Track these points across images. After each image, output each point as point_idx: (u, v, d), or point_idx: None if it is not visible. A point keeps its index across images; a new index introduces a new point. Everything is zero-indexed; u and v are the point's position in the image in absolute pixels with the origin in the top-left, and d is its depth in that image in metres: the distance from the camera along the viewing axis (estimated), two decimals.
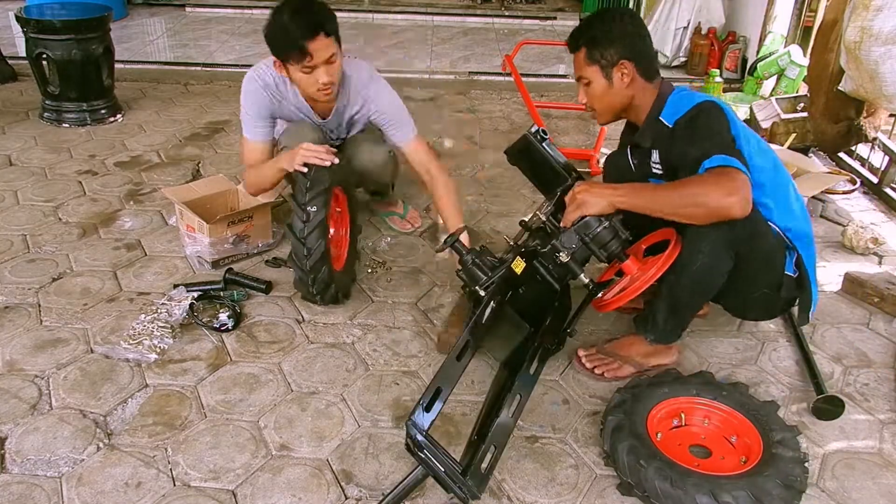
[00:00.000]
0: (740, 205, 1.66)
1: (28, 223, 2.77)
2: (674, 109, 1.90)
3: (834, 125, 3.14)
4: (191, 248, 2.53)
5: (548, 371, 2.05)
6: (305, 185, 2.12)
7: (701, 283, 1.84)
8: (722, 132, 1.78)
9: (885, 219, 3.03)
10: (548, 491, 1.68)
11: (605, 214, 1.81)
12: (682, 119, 1.85)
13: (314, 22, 2.10)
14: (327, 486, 1.67)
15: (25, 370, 2.00)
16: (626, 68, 1.90)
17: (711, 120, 1.80)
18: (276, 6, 2.16)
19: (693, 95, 1.91)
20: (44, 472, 1.68)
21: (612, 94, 1.94)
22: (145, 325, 2.16)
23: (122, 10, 5.90)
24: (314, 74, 2.17)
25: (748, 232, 1.77)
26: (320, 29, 2.10)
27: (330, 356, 2.11)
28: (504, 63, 4.15)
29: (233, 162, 3.39)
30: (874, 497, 1.69)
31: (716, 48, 4.78)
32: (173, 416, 1.86)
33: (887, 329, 2.31)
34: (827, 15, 3.12)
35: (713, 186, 1.68)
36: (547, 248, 1.86)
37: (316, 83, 2.19)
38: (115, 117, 3.87)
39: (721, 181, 1.67)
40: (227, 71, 4.76)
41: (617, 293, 1.89)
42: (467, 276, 2.00)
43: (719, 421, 1.82)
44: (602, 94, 1.95)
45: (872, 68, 2.68)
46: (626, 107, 1.98)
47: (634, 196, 1.78)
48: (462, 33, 6.04)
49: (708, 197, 1.67)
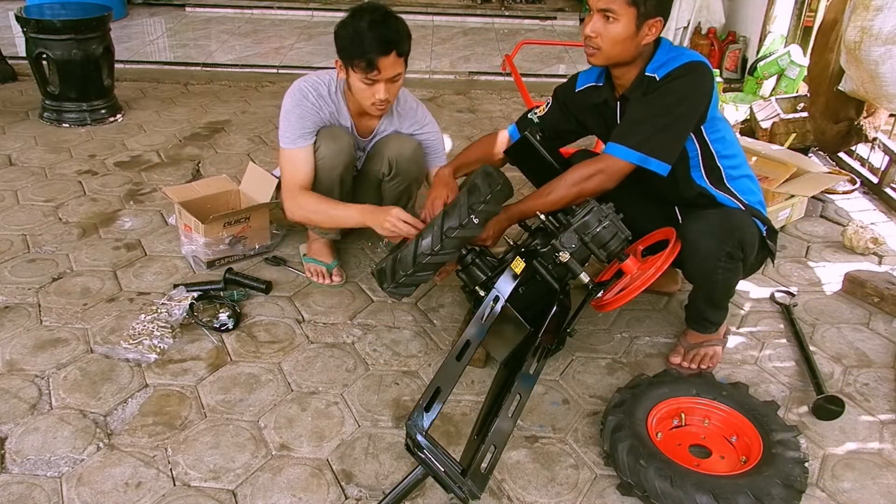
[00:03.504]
0: (599, 181, 1.91)
1: (28, 223, 2.77)
2: (661, 62, 1.90)
3: (834, 125, 3.13)
4: (187, 247, 2.53)
5: (548, 371, 2.06)
6: (487, 191, 1.86)
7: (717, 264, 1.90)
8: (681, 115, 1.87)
9: (885, 219, 3.03)
10: (548, 491, 1.68)
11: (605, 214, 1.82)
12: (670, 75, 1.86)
13: (391, 39, 2.08)
14: (327, 486, 1.67)
15: (25, 370, 2.00)
16: (656, 27, 1.87)
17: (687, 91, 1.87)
18: (356, 8, 2.13)
19: (679, 51, 1.92)
20: (44, 472, 1.68)
21: (631, 43, 1.86)
22: (145, 325, 2.16)
23: (122, 10, 5.89)
24: (374, 88, 2.13)
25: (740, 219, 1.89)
26: (394, 47, 2.08)
27: (330, 356, 2.11)
28: (504, 63, 4.15)
29: (233, 162, 3.39)
30: (874, 497, 1.69)
31: (716, 48, 4.78)
32: (173, 416, 1.86)
33: (887, 329, 2.31)
34: (827, 15, 3.12)
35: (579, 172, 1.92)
36: (547, 248, 1.86)
37: (373, 97, 2.15)
38: (115, 117, 3.87)
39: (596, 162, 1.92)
40: (227, 71, 4.76)
41: (617, 293, 1.89)
42: (467, 276, 2.00)
43: (719, 421, 1.82)
44: (621, 38, 1.85)
45: (872, 68, 2.68)
46: (628, 60, 1.92)
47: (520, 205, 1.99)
48: (462, 33, 6.04)
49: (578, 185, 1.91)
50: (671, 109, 1.86)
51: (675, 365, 2.10)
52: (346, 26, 2.10)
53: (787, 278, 2.57)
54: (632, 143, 1.88)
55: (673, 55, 1.90)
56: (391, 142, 2.39)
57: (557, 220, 1.92)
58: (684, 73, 1.86)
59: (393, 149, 2.37)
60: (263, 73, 4.78)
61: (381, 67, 2.07)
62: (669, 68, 1.87)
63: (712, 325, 2.09)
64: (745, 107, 3.89)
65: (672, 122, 1.87)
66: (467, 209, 1.83)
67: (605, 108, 2.06)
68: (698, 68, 1.86)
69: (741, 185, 2.02)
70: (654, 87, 1.88)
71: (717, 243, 1.86)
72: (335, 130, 2.28)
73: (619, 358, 2.16)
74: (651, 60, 1.92)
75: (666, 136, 1.87)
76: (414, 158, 2.39)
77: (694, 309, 2.08)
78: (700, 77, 1.87)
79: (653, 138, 1.86)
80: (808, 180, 2.95)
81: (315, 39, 5.64)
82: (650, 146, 1.86)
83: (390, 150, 2.37)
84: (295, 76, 2.40)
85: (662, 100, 1.87)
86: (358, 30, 2.06)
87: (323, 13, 6.34)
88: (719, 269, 1.89)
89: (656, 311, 2.39)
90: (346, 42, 2.09)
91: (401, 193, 2.47)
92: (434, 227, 1.86)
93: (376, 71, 2.08)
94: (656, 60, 1.91)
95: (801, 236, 2.87)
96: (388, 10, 2.15)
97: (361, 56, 2.06)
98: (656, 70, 1.90)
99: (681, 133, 1.90)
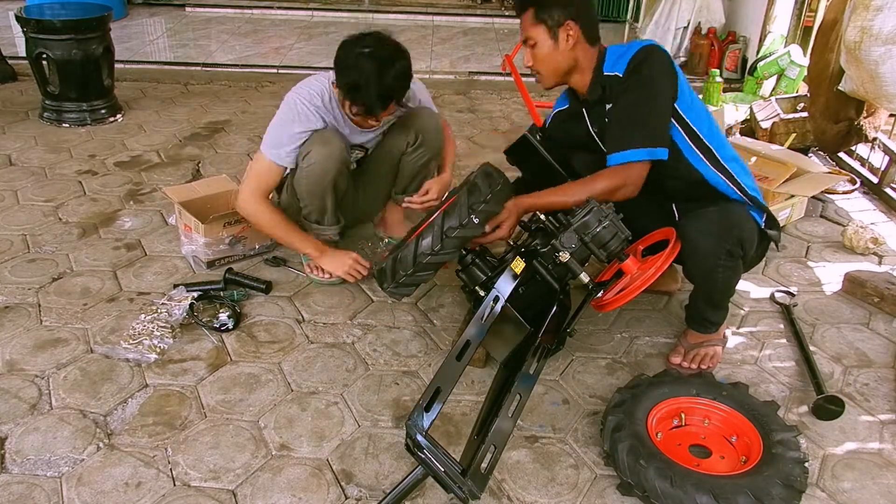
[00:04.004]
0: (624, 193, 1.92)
1: (28, 223, 2.77)
2: (614, 59, 1.96)
3: (834, 125, 3.13)
4: (187, 247, 2.53)
5: (548, 371, 2.06)
6: (488, 191, 1.86)
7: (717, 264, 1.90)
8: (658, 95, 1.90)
9: (885, 219, 3.03)
10: (548, 491, 1.68)
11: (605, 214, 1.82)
12: (630, 65, 1.91)
13: (392, 93, 2.12)
14: (327, 486, 1.67)
15: (25, 370, 2.00)
16: (571, 29, 1.95)
17: (654, 71, 1.90)
18: (362, 37, 2.13)
19: (626, 45, 1.98)
20: (44, 471, 1.68)
21: (557, 54, 1.98)
22: (145, 325, 2.16)
23: (122, 10, 5.89)
24: (369, 119, 2.21)
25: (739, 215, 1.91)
26: (395, 98, 2.14)
27: (330, 356, 2.11)
28: (504, 63, 4.16)
29: (233, 162, 3.39)
30: (874, 497, 1.69)
31: (716, 48, 4.77)
32: (173, 416, 1.86)
33: (887, 329, 2.31)
34: (827, 15, 3.12)
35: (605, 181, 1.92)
36: (547, 248, 1.86)
37: (366, 121, 2.24)
38: (115, 117, 3.87)
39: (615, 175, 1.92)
40: (227, 71, 4.76)
41: (617, 293, 1.89)
42: (467, 276, 2.00)
43: (719, 421, 1.82)
44: (547, 55, 1.98)
45: (872, 68, 2.68)
46: (571, 69, 2.01)
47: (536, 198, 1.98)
48: (462, 33, 6.04)
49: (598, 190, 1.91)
50: (648, 94, 1.90)
51: (675, 365, 2.10)
52: (350, 65, 2.09)
53: (787, 278, 2.57)
54: (635, 143, 1.89)
55: (622, 50, 1.97)
56: (419, 115, 2.43)
57: (557, 220, 1.92)
58: (643, 57, 1.92)
59: (421, 121, 2.42)
60: (263, 73, 4.78)
61: (378, 117, 2.18)
62: (626, 60, 1.93)
63: (712, 325, 2.09)
64: (745, 107, 3.89)
65: (655, 106, 1.91)
66: (467, 209, 1.83)
67: (574, 121, 2.12)
68: (653, 50, 1.93)
69: (734, 167, 2.03)
70: (623, 83, 1.93)
71: (716, 242, 1.87)
72: (327, 134, 2.26)
73: (619, 358, 2.16)
74: (604, 62, 1.98)
75: (657, 121, 1.92)
76: (438, 131, 2.47)
77: (694, 309, 2.08)
78: (659, 55, 1.93)
79: (647, 128, 1.90)
80: (808, 180, 2.95)
81: (315, 39, 5.64)
82: (650, 136, 1.90)
83: (418, 123, 2.42)
84: (295, 76, 2.41)
85: (636, 89, 1.91)
86: (362, 74, 2.07)
87: (323, 13, 6.34)
88: (719, 267, 1.89)
89: (656, 311, 2.39)
90: (348, 83, 2.11)
91: (420, 168, 2.50)
92: (434, 227, 1.86)
93: (374, 118, 2.18)
94: (609, 60, 1.98)
95: (801, 236, 2.87)
96: (394, 46, 2.15)
97: (361, 103, 2.12)
98: (613, 67, 1.96)
99: (665, 112, 1.94)
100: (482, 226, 1.87)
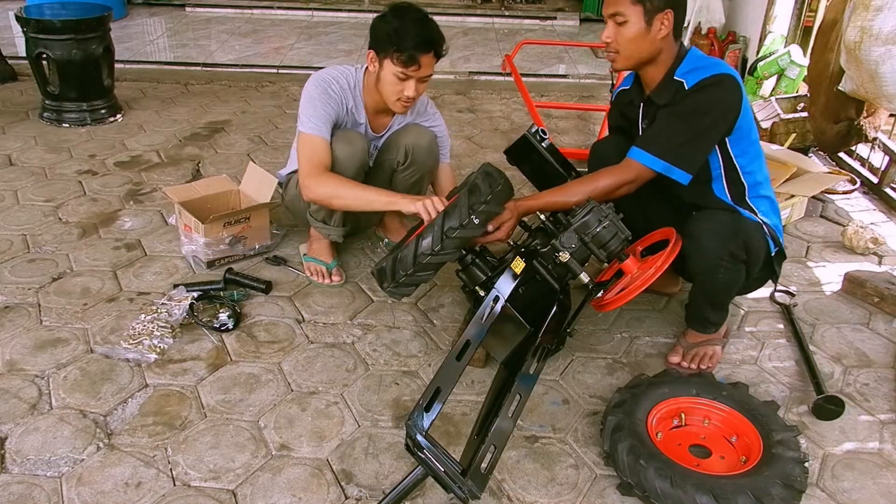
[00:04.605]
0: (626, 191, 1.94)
1: (28, 223, 2.77)
2: (690, 67, 1.90)
3: (834, 125, 3.13)
4: (187, 247, 2.53)
5: (548, 371, 2.06)
6: (488, 192, 1.84)
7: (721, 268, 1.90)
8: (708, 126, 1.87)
9: (885, 219, 3.03)
10: (548, 491, 1.68)
11: (605, 214, 1.82)
12: (700, 83, 1.86)
13: (433, 39, 2.15)
14: (327, 486, 1.67)
15: (25, 370, 2.00)
16: (668, 18, 1.87)
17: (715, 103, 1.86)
18: (397, 5, 2.18)
19: (710, 61, 1.92)
20: (44, 471, 1.68)
21: (645, 40, 1.88)
22: (145, 325, 2.16)
23: (122, 10, 5.90)
24: (405, 84, 2.18)
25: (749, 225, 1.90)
26: (435, 47, 2.15)
27: (330, 356, 2.11)
28: (504, 63, 4.15)
29: (233, 162, 3.39)
30: (874, 497, 1.69)
31: (716, 48, 4.77)
32: (173, 416, 1.86)
33: (887, 329, 2.31)
34: (827, 15, 3.12)
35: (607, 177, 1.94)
36: (547, 248, 1.86)
37: (401, 93, 2.20)
38: (115, 117, 3.87)
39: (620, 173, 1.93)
40: (227, 71, 4.76)
41: (617, 293, 1.89)
42: (467, 276, 2.00)
43: (719, 421, 1.82)
44: (635, 38, 1.88)
45: (872, 68, 2.68)
46: (651, 59, 1.93)
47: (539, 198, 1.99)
48: (462, 33, 6.04)
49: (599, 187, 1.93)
50: (697, 120, 1.86)
51: (675, 365, 2.10)
52: (388, 20, 2.15)
53: (787, 278, 2.57)
54: (657, 150, 1.88)
55: (703, 64, 1.90)
56: (409, 131, 2.42)
57: (557, 220, 1.92)
58: (713, 84, 1.85)
59: (411, 138, 2.40)
60: (263, 73, 4.78)
61: (421, 63, 2.13)
62: (699, 77, 1.87)
63: (712, 325, 2.09)
64: None
65: (698, 133, 1.87)
66: (468, 209, 1.83)
67: (631, 107, 2.09)
68: (727, 81, 1.86)
69: (762, 205, 2.01)
70: (683, 96, 1.88)
71: (721, 241, 1.86)
72: (350, 134, 2.29)
73: (619, 358, 2.16)
74: (680, 65, 1.92)
75: (691, 146, 1.88)
76: (430, 149, 2.43)
77: (694, 309, 2.08)
78: (728, 90, 1.86)
79: (678, 147, 1.87)
80: (808, 180, 2.95)
81: (315, 39, 5.64)
82: (675, 155, 1.87)
83: (408, 139, 2.40)
84: (295, 76, 2.41)
85: (689, 110, 1.87)
86: (402, 24, 2.12)
87: (323, 13, 6.34)
88: (721, 268, 1.89)
89: (656, 311, 2.39)
90: (387, 34, 2.13)
91: (412, 185, 2.48)
92: (434, 227, 1.86)
93: (416, 66, 2.13)
94: (686, 65, 1.91)
95: (801, 236, 2.87)
96: (426, 12, 2.21)
97: (404, 49, 2.11)
98: (685, 75, 1.90)
99: (705, 144, 1.90)
100: (482, 226, 1.87)
